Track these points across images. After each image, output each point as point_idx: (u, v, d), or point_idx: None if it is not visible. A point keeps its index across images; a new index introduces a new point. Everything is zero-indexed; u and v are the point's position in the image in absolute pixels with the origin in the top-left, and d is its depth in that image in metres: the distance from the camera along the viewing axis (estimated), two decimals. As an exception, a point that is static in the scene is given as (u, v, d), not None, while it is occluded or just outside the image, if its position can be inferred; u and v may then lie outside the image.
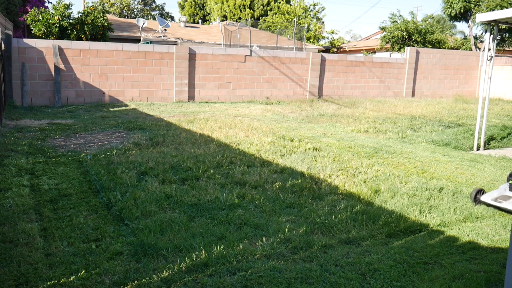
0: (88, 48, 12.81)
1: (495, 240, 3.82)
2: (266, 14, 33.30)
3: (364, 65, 17.56)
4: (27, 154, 6.41)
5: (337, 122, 10.86)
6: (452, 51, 20.19)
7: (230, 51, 15.10)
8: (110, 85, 13.29)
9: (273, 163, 6.28)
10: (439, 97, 19.21)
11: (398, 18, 24.43)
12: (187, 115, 11.10)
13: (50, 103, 12.52)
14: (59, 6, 15.12)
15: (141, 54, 13.52)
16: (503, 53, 24.04)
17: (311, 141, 8.07)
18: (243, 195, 4.72)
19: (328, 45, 32.28)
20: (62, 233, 3.63)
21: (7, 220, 3.86)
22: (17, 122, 9.39)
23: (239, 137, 8.12)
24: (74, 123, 9.55)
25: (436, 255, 3.46)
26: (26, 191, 4.71)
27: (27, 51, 12.06)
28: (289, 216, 4.19)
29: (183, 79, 14.20)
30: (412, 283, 3.02)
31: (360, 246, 3.59)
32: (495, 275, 3.13)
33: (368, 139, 8.72)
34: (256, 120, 10.77)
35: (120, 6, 43.44)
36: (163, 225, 3.83)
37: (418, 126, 10.31)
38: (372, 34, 40.76)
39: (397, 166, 6.39)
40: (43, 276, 2.93)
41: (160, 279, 2.94)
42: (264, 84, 15.68)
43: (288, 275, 3.02)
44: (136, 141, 7.39)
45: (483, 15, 7.62)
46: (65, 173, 5.48)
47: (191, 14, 39.05)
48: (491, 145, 8.61)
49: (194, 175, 5.47)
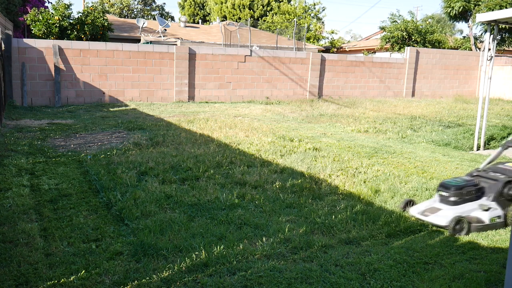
0: (88, 48, 12.81)
1: (495, 240, 3.82)
2: (266, 14, 33.29)
3: (364, 65, 17.55)
4: (27, 154, 6.41)
5: (337, 122, 10.86)
6: (452, 51, 20.19)
7: (230, 51, 15.09)
8: (110, 85, 13.29)
9: (273, 163, 6.28)
10: (439, 97, 19.20)
11: (398, 18, 24.44)
12: (187, 115, 11.09)
13: (50, 103, 12.52)
14: (59, 6, 15.12)
15: (141, 54, 13.52)
16: (503, 53, 24.03)
17: (311, 141, 8.07)
18: (243, 195, 4.72)
19: (328, 45, 32.27)
20: (62, 233, 3.63)
21: (7, 220, 3.86)
22: (17, 122, 9.39)
23: (239, 137, 8.12)
24: (74, 123, 9.55)
25: (436, 255, 3.46)
26: (26, 191, 4.71)
27: (27, 51, 12.06)
28: (289, 216, 4.19)
29: (183, 79, 14.19)
30: (412, 283, 3.02)
31: (360, 246, 3.59)
32: (495, 275, 3.13)
33: (368, 139, 8.72)
34: (256, 120, 10.77)
35: (120, 6, 43.43)
36: (163, 225, 3.83)
37: (418, 126, 10.31)
38: (372, 34, 40.76)
39: (397, 166, 6.39)
40: (43, 276, 2.93)
41: (160, 279, 2.94)
42: (264, 84, 15.68)
43: (288, 275, 3.02)
44: (136, 141, 7.39)
45: (483, 15, 7.62)
46: (65, 173, 5.48)
47: (191, 14, 39.05)
48: (491, 145, 8.61)
49: (194, 175, 5.47)
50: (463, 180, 4.31)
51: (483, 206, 4.14)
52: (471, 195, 4.23)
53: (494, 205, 4.19)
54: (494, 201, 4.20)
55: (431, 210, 4.22)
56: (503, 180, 4.28)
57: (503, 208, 4.20)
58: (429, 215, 4.18)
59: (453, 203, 4.18)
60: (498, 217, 4.13)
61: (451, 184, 4.26)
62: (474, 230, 4.00)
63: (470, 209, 4.13)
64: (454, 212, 4.05)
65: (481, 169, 4.64)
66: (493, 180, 4.34)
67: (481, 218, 4.08)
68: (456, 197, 4.18)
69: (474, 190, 4.26)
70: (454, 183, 4.26)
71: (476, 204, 4.17)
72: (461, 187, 4.20)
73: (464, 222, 3.96)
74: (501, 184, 4.24)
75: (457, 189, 4.19)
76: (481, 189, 4.34)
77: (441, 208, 4.20)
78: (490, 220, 4.08)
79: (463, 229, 3.95)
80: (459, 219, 3.95)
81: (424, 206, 4.36)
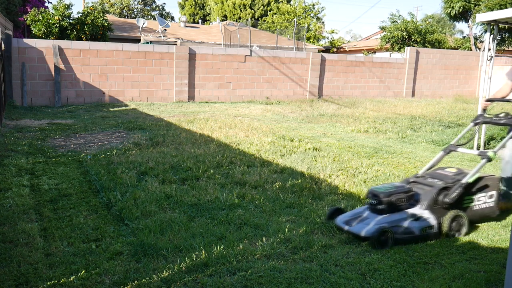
0: (88, 48, 12.81)
1: (495, 240, 3.82)
2: (266, 14, 33.29)
3: (364, 65, 17.55)
4: (27, 154, 6.41)
5: (337, 122, 10.86)
6: (452, 51, 20.19)
7: (230, 51, 15.09)
8: (110, 85, 13.29)
9: (273, 163, 6.28)
10: (439, 97, 19.20)
11: (398, 18, 24.45)
12: (187, 115, 11.09)
13: (50, 103, 12.52)
14: (59, 6, 15.12)
15: (141, 54, 13.52)
16: (503, 53, 24.03)
17: (311, 141, 8.07)
18: (243, 195, 4.72)
19: (328, 45, 32.27)
20: (62, 233, 3.63)
21: (7, 220, 3.86)
22: (17, 122, 9.39)
23: (239, 137, 8.12)
24: (74, 123, 9.55)
25: (436, 255, 3.46)
26: (26, 191, 4.71)
27: (27, 51, 12.06)
28: (289, 216, 4.19)
29: (183, 79, 14.19)
30: (412, 283, 3.02)
31: (360, 246, 3.59)
32: (495, 275, 3.13)
33: (368, 139, 8.72)
34: (256, 120, 10.77)
35: (120, 6, 43.43)
36: (163, 225, 3.83)
37: (418, 126, 10.31)
38: (372, 34, 40.76)
39: (397, 166, 6.39)
40: (43, 276, 2.93)
41: (160, 279, 2.94)
42: (264, 84, 15.68)
43: (288, 275, 3.02)
44: (136, 141, 7.39)
45: (483, 15, 7.62)
46: (65, 173, 5.48)
47: (191, 14, 39.05)
48: (491, 145, 8.60)
49: (194, 175, 5.47)
50: (393, 187, 3.85)
51: (413, 215, 3.72)
52: (402, 203, 3.78)
53: (427, 214, 3.76)
54: (427, 210, 3.78)
55: (358, 219, 3.80)
56: (438, 187, 3.87)
57: (438, 217, 3.77)
58: (354, 224, 3.75)
59: (381, 211, 3.74)
60: (429, 227, 3.72)
61: (379, 191, 3.79)
62: (402, 243, 3.58)
63: (399, 218, 3.68)
64: (379, 222, 3.64)
65: (420, 175, 4.22)
66: (429, 187, 3.94)
67: (410, 228, 3.66)
68: (385, 205, 3.73)
69: (406, 197, 3.79)
70: (383, 189, 3.80)
71: (406, 214, 3.74)
72: (390, 194, 3.73)
73: (389, 233, 3.54)
74: (436, 191, 3.82)
75: (385, 196, 3.72)
76: (415, 196, 3.89)
77: (368, 217, 3.78)
78: (420, 230, 3.67)
79: (387, 242, 3.53)
80: (383, 230, 3.51)
81: (351, 214, 3.93)
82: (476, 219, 4.09)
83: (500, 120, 4.28)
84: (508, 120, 4.20)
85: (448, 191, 3.85)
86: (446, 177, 4.03)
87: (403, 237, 3.61)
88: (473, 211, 4.03)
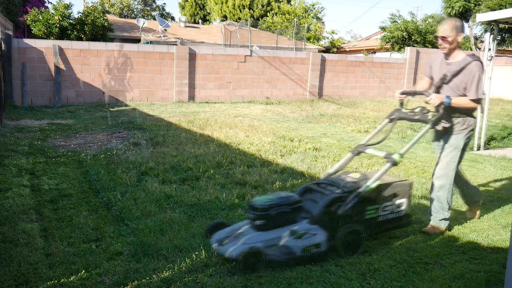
0: (88, 48, 12.81)
1: (495, 240, 3.82)
2: (266, 14, 33.29)
3: (364, 65, 17.56)
4: (27, 154, 6.41)
5: (337, 122, 10.86)
6: (452, 51, 20.15)
7: (230, 51, 15.09)
8: (110, 85, 13.28)
9: (273, 163, 6.28)
10: (439, 97, 19.18)
11: (398, 18, 24.46)
12: (187, 115, 11.10)
13: (50, 103, 12.52)
14: (59, 6, 15.12)
15: (141, 54, 13.52)
16: (503, 53, 24.03)
17: (311, 141, 8.07)
18: (243, 195, 4.72)
19: (328, 45, 32.29)
20: (62, 233, 3.63)
21: (7, 220, 3.86)
22: (17, 122, 9.39)
23: (239, 137, 8.12)
24: (74, 123, 9.55)
25: (436, 255, 3.46)
26: (26, 191, 4.71)
27: (27, 51, 12.06)
28: (289, 216, 4.18)
29: (183, 79, 14.19)
30: (412, 283, 3.02)
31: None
32: (495, 275, 3.13)
33: (368, 139, 8.71)
34: (256, 120, 10.77)
35: (120, 6, 43.44)
36: (163, 225, 3.83)
37: (418, 126, 10.30)
38: (372, 34, 40.77)
39: (397, 166, 6.38)
40: (43, 276, 2.93)
41: (160, 279, 2.94)
42: (264, 84, 15.68)
43: (288, 275, 3.02)
44: (136, 141, 7.39)
45: (483, 15, 7.62)
46: (65, 173, 5.48)
47: (191, 14, 39.04)
48: (491, 145, 8.61)
49: (194, 175, 5.47)
50: (277, 198, 3.24)
51: (294, 232, 3.13)
52: (286, 217, 3.20)
53: (314, 229, 3.18)
54: (316, 224, 3.20)
55: (233, 237, 3.18)
56: (330, 197, 3.31)
57: (329, 234, 3.21)
58: (224, 243, 3.15)
59: (259, 228, 3.16)
60: (315, 245, 3.15)
61: (257, 203, 3.20)
62: (279, 265, 3.06)
63: (277, 237, 3.11)
64: (249, 241, 3.05)
65: (321, 181, 3.66)
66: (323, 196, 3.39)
67: (290, 248, 3.09)
68: (263, 219, 3.15)
69: (291, 210, 3.21)
70: (261, 202, 3.20)
71: (287, 230, 3.15)
72: (268, 208, 3.14)
73: (261, 255, 2.97)
74: (326, 202, 3.26)
75: (263, 210, 3.14)
76: (304, 208, 3.34)
77: (245, 234, 3.17)
78: (302, 251, 3.10)
79: (257, 265, 2.99)
80: (251, 251, 2.95)
81: (230, 230, 3.29)
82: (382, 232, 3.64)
83: (414, 115, 3.80)
84: (422, 116, 3.74)
85: (343, 202, 3.31)
86: (345, 184, 3.45)
87: (281, 259, 3.07)
88: (377, 222, 3.50)
